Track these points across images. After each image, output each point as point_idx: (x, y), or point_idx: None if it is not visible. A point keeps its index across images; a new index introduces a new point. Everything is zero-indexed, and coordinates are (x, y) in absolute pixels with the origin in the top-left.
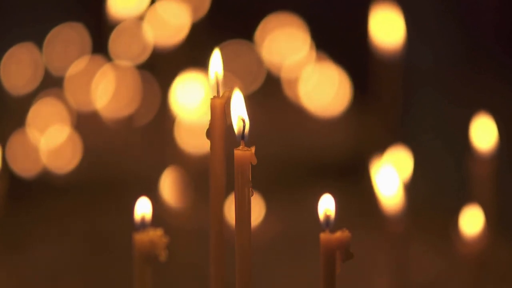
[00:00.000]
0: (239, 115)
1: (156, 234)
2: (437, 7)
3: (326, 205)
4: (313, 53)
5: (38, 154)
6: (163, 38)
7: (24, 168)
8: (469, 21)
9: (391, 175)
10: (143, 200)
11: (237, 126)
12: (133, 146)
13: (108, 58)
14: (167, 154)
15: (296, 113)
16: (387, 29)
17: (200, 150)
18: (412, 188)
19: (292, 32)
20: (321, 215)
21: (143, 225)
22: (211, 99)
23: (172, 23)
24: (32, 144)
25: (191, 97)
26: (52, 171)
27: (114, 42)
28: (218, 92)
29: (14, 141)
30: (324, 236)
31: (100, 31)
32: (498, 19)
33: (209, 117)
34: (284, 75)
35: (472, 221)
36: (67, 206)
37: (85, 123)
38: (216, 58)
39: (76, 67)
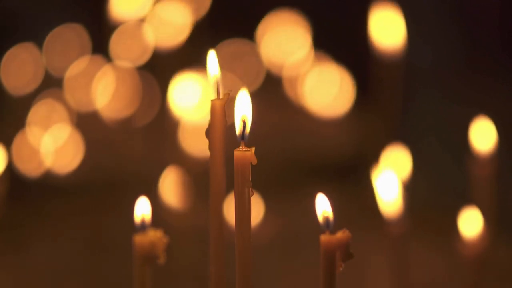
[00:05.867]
0: (243, 115)
1: (156, 235)
2: (437, 7)
3: (323, 207)
4: (313, 52)
5: (39, 155)
6: (164, 39)
7: (25, 169)
8: (469, 21)
9: (391, 180)
10: (142, 200)
11: (239, 126)
12: (133, 147)
13: (108, 58)
14: (168, 155)
15: (297, 113)
16: (387, 29)
17: (201, 151)
18: (412, 188)
19: (293, 30)
20: (320, 216)
21: (143, 226)
22: (211, 100)
23: (172, 24)
24: (33, 145)
25: (191, 98)
26: (53, 171)
27: (115, 43)
28: (218, 93)
29: (16, 141)
30: (324, 237)
31: (101, 32)
32: (498, 19)
33: (209, 118)
34: (285, 74)
35: (471, 221)
36: (68, 206)
37: (86, 124)
38: (212, 59)
39: (76, 68)
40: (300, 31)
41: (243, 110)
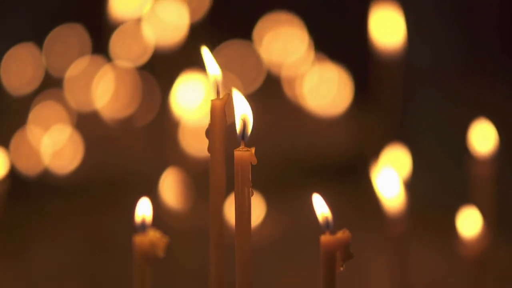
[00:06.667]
0: (242, 114)
1: (156, 235)
2: (437, 7)
3: (321, 208)
4: (312, 52)
5: (39, 155)
6: (163, 39)
7: (25, 169)
8: (469, 21)
9: (391, 177)
10: (143, 201)
11: (238, 126)
12: (133, 147)
13: (108, 58)
14: (168, 155)
15: (296, 113)
16: (387, 29)
17: (201, 151)
18: (412, 188)
19: (292, 30)
20: (319, 217)
21: (143, 226)
22: (211, 100)
23: (172, 24)
24: (33, 145)
25: (192, 98)
26: (53, 171)
27: (115, 43)
28: (218, 93)
29: (16, 141)
30: (324, 237)
31: (101, 32)
32: (498, 19)
33: (209, 118)
34: (284, 74)
35: (471, 221)
36: (68, 206)
37: (86, 124)
38: (208, 58)
39: (76, 68)
40: (300, 31)
41: (242, 110)
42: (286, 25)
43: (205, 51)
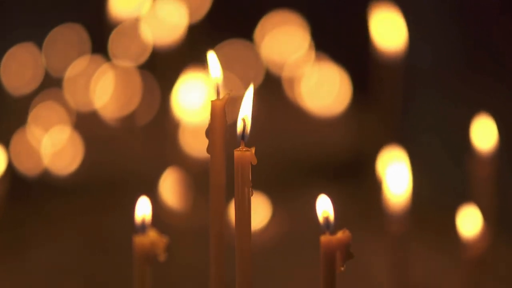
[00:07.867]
0: (244, 115)
1: (156, 235)
2: (437, 7)
3: (324, 207)
4: (313, 52)
5: (39, 155)
6: (163, 38)
7: (25, 169)
8: (470, 21)
9: (400, 172)
10: (143, 200)
11: (239, 126)
12: (133, 147)
13: (108, 58)
14: (168, 155)
15: (296, 112)
16: (387, 29)
17: (201, 151)
18: (412, 188)
19: (292, 30)
20: (320, 217)
21: (143, 226)
22: (212, 101)
23: (171, 23)
24: (33, 145)
25: (191, 97)
26: (53, 171)
27: (114, 42)
28: (218, 94)
29: (15, 141)
30: (324, 238)
31: (100, 31)
32: (498, 19)
33: (209, 118)
34: (284, 74)
35: (472, 221)
36: (68, 206)
37: (86, 123)
38: (213, 60)
39: (76, 68)
40: (300, 32)
41: (246, 110)
42: (287, 25)
43: (211, 55)
